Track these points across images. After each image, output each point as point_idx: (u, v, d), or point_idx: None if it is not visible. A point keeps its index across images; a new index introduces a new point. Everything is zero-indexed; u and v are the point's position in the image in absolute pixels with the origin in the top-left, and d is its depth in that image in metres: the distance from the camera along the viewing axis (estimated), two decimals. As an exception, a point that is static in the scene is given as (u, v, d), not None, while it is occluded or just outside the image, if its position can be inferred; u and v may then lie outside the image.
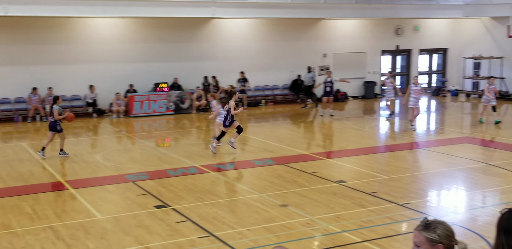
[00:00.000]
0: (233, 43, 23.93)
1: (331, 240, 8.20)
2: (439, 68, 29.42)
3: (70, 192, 11.11)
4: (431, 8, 25.92)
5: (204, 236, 8.43)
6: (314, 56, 25.66)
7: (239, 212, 9.62)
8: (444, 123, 19.91)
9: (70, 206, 10.26)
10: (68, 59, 21.36)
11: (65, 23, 21.08)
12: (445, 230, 3.42)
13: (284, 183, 11.47)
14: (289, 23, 24.57)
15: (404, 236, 8.43)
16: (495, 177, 11.82)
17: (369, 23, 26.58)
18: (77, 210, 9.92)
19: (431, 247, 3.42)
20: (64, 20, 20.99)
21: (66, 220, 9.35)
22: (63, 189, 11.40)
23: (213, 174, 12.46)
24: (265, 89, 25.02)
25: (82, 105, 21.61)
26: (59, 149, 14.33)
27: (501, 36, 25.68)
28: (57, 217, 9.55)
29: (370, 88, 26.58)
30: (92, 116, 21.17)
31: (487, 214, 9.42)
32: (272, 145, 15.52)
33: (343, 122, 19.83)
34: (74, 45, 21.37)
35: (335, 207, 9.81)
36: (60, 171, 12.88)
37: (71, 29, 21.30)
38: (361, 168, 12.86)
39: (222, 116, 15.63)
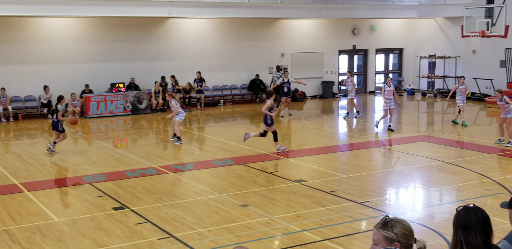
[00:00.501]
0: (191, 43, 23.77)
1: (292, 240, 8.20)
2: (395, 67, 29.88)
3: (26, 195, 10.82)
4: (386, 8, 26.30)
5: (163, 238, 8.33)
6: (272, 56, 25.72)
7: (199, 213, 9.54)
8: (401, 122, 20.19)
9: (26, 208, 9.98)
10: (22, 59, 20.84)
11: (19, 22, 20.57)
12: (403, 229, 3.44)
13: (244, 183, 11.44)
14: (247, 23, 24.56)
15: (364, 234, 8.49)
16: (451, 175, 12.04)
17: (326, 23, 26.79)
18: (33, 213, 9.66)
19: (388, 245, 3.43)
20: (18, 20, 20.47)
21: (21, 223, 9.11)
22: (18, 191, 11.09)
23: (172, 174, 12.33)
24: (223, 89, 24.95)
25: (37, 106, 21.12)
26: (17, 151, 13.97)
27: (455, 36, 26.25)
28: (12, 220, 9.28)
29: (328, 87, 26.79)
30: (47, 118, 20.70)
31: (444, 211, 9.59)
32: (231, 145, 15.46)
33: (302, 122, 19.92)
34: (27, 45, 20.86)
35: (295, 206, 9.83)
36: (15, 173, 12.53)
37: (24, 29, 20.78)
38: (320, 167, 12.93)
39: (182, 115, 15.57)
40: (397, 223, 3.48)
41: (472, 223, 3.69)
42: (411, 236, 3.43)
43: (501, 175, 12.03)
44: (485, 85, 24.97)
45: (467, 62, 26.39)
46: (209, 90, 24.29)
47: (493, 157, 13.81)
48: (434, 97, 26.82)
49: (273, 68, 25.60)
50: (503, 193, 10.45)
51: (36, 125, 19.61)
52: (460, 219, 3.75)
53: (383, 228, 3.49)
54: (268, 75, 25.59)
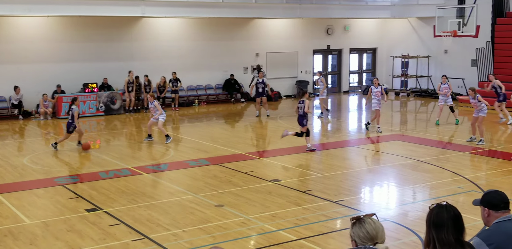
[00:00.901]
0: (165, 43, 23.62)
1: (267, 239, 8.19)
2: (368, 67, 30.10)
3: (-5, 198, 10.63)
4: (360, 8, 26.47)
5: (138, 239, 8.25)
6: (247, 55, 25.71)
7: (173, 214, 9.47)
8: (374, 121, 20.28)
9: (-4, 212, 9.80)
10: (-8, 59, 20.50)
11: (-12, 21, 20.22)
12: (360, 231, 3.47)
13: (219, 183, 11.40)
14: (221, 22, 24.51)
15: (339, 232, 8.52)
16: (424, 173, 12.16)
17: (300, 23, 26.87)
18: (4, 216, 9.48)
19: (351, 242, 3.53)
20: (-13, 18, 20.12)
21: (-9, 227, 8.93)
22: (-13, 194, 10.88)
23: (146, 175, 12.22)
24: (198, 89, 24.84)
25: (7, 107, 20.78)
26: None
27: (427, 36, 26.53)
28: (-18, 224, 9.10)
29: (302, 87, 26.84)
30: (18, 119, 20.39)
31: (417, 209, 9.67)
32: (206, 145, 15.40)
33: (277, 121, 19.93)
34: (-3, 44, 20.53)
35: (270, 206, 9.82)
36: (-16, 176, 12.30)
37: (-6, 28, 20.45)
38: (295, 166, 12.95)
39: (164, 115, 15.56)
40: (362, 223, 3.51)
41: (444, 221, 3.72)
42: (368, 240, 3.44)
43: (473, 173, 12.19)
44: (457, 85, 25.28)
45: (439, 61, 26.70)
46: (183, 90, 24.17)
47: (465, 155, 13.98)
48: (407, 96, 27.07)
49: (247, 68, 25.61)
50: (475, 190, 10.58)
51: (6, 126, 19.29)
52: (432, 216, 3.78)
53: (352, 224, 3.54)
54: (242, 75, 25.58)
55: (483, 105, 14.79)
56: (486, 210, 4.38)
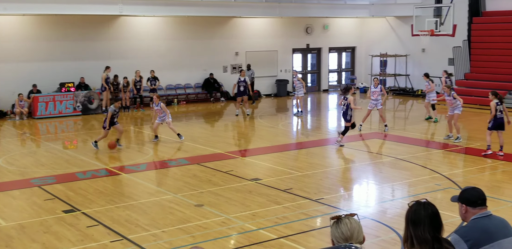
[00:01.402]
0: (143, 42, 23.46)
1: (247, 238, 8.16)
2: (347, 66, 30.22)
3: (-29, 199, 10.44)
4: (339, 7, 26.55)
5: (116, 240, 8.16)
6: (227, 54, 25.65)
7: (153, 214, 9.39)
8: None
9: (-29, 214, 9.63)
10: (-34, 58, 20.18)
11: (-38, 20, 19.90)
12: (336, 231, 3.48)
13: (199, 183, 11.34)
14: (201, 21, 24.41)
15: (319, 231, 8.53)
16: (402, 171, 12.23)
17: (280, 21, 26.88)
18: (-22, 218, 9.33)
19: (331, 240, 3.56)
20: (-39, 17, 19.80)
21: (-34, 229, 8.77)
22: (-38, 196, 10.69)
23: (125, 175, 12.11)
24: (177, 88, 24.72)
25: (-17, 107, 20.48)
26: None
27: (405, 35, 26.71)
28: (-44, 226, 8.94)
29: (282, 86, 26.89)
30: (-6, 119, 20.10)
31: (396, 206, 9.72)
32: (186, 144, 15.31)
33: (257, 120, 19.91)
34: (-28, 43, 20.22)
35: (250, 205, 9.79)
36: (-41, 177, 12.08)
37: (-32, 27, 20.14)
38: (275, 165, 12.93)
39: (169, 115, 15.47)
40: (339, 223, 3.51)
41: (421, 218, 3.73)
42: (343, 240, 3.44)
43: (450, 170, 12.29)
44: (434, 83, 25.46)
45: (417, 60, 26.90)
46: (162, 89, 24.02)
47: (443, 153, 14.09)
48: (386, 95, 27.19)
49: (227, 67, 25.60)
50: (453, 187, 10.66)
51: (-18, 127, 19.01)
52: (410, 214, 3.80)
53: (332, 223, 3.54)
54: (222, 74, 25.51)
55: (458, 102, 14.90)
56: (464, 207, 4.41)
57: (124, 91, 21.91)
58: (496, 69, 23.11)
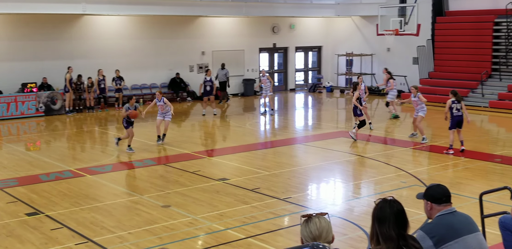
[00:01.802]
0: (107, 41, 23.15)
1: (215, 238, 8.11)
2: (314, 65, 30.37)
3: None
4: (305, 7, 26.65)
5: (81, 243, 8.02)
6: (193, 54, 25.52)
7: (118, 216, 9.27)
8: (321, 118, 20.54)
9: None
10: None
11: None
12: (305, 230, 3.48)
13: (166, 183, 11.24)
14: (166, 20, 24.22)
15: (287, 230, 8.53)
16: (369, 169, 12.34)
17: (246, 21, 26.86)
18: None
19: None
20: None
21: None
22: None
23: (89, 177, 11.93)
24: (142, 88, 24.47)
25: None
26: None
27: (370, 34, 26.98)
28: None
29: (249, 85, 26.88)
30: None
31: (363, 204, 9.79)
32: (152, 145, 15.16)
33: (224, 120, 19.85)
34: None
35: (218, 205, 9.74)
36: None
37: None
38: (242, 164, 12.90)
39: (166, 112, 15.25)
40: (308, 222, 3.50)
41: (386, 216, 3.75)
42: (311, 239, 3.44)
43: (415, 167, 12.44)
44: (399, 82, 25.81)
45: (382, 59, 27.18)
46: (127, 89, 23.76)
47: (408, 151, 14.26)
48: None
49: (193, 66, 25.50)
50: (418, 185, 10.79)
51: None
52: (376, 211, 3.82)
53: (303, 221, 3.52)
54: (188, 74, 25.38)
55: (423, 105, 15.05)
56: (429, 204, 4.46)
57: (88, 92, 21.60)
58: (459, 68, 23.51)
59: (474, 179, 11.26)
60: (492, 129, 18.49)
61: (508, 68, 22.33)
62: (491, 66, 22.83)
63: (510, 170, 11.95)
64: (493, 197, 9.06)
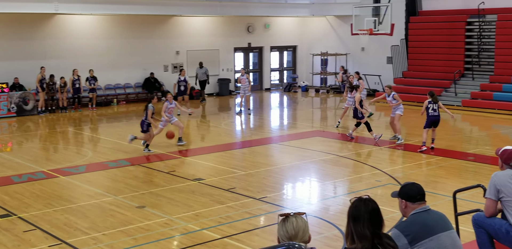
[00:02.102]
0: (80, 41, 22.88)
1: (191, 239, 8.07)
2: (289, 65, 30.43)
3: None
4: (280, 6, 26.70)
5: (55, 244, 7.91)
6: (167, 53, 25.38)
7: (93, 217, 9.16)
8: (296, 118, 20.58)
9: None
10: None
11: None
12: (282, 229, 3.48)
13: (141, 184, 11.14)
14: (140, 20, 24.03)
15: (263, 229, 8.52)
16: (344, 168, 12.39)
17: (221, 20, 26.80)
18: None
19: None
20: None
21: None
22: None
23: (63, 178, 11.77)
24: (116, 88, 24.26)
25: None
26: None
27: (345, 34, 27.13)
28: None
29: (224, 85, 26.82)
30: None
31: (338, 203, 9.82)
32: (126, 145, 15.01)
33: (199, 120, 19.78)
34: None
35: (193, 205, 9.69)
36: None
37: None
38: (218, 164, 12.86)
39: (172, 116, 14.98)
40: (285, 221, 3.49)
41: (361, 214, 3.76)
42: (287, 239, 3.43)
43: (390, 166, 12.54)
44: (374, 81, 26.02)
45: (356, 59, 27.36)
46: (101, 89, 23.53)
47: (382, 150, 14.35)
48: (327, 93, 27.59)
49: (168, 66, 25.36)
50: (392, 183, 10.88)
51: None
52: (351, 210, 3.83)
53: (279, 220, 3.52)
54: (163, 73, 25.23)
55: (400, 105, 15.08)
56: (404, 202, 4.50)
57: (61, 92, 21.33)
58: (432, 67, 23.76)
59: (448, 177, 11.38)
60: (465, 128, 18.73)
61: (480, 68, 22.65)
62: (464, 66, 23.13)
63: (483, 168, 12.11)
64: (467, 195, 9.17)
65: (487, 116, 19.56)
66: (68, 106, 21.83)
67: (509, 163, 5.61)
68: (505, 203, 5.52)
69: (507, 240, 5.55)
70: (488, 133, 17.03)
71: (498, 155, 5.74)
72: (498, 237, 5.65)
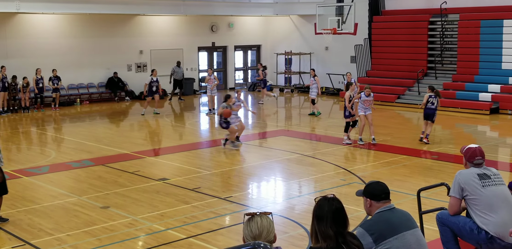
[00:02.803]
0: (43, 40, 22.49)
1: (156, 239, 8.04)
2: (253, 64, 30.46)
3: None
4: (243, 5, 26.72)
5: (19, 245, 7.82)
6: (131, 53, 25.15)
7: (56, 217, 9.04)
8: (260, 117, 20.63)
9: None
10: None
11: None
12: (246, 228, 3.51)
13: (105, 184, 11.04)
14: (103, 19, 23.75)
15: (228, 229, 8.54)
16: (309, 167, 12.49)
17: (185, 19, 26.67)
18: None
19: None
20: None
21: None
22: None
23: (26, 179, 11.58)
24: (79, 87, 23.93)
25: None
26: None
27: (309, 33, 27.31)
28: None
29: (189, 84, 26.69)
30: None
31: (303, 202, 9.90)
32: (89, 145, 14.85)
33: (164, 119, 19.66)
34: None
35: (158, 205, 9.65)
36: None
37: None
38: (183, 164, 12.82)
39: None
40: (250, 221, 3.51)
41: (325, 214, 3.79)
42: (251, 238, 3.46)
43: (354, 165, 12.70)
44: (338, 80, 26.25)
45: (320, 58, 27.58)
46: (64, 89, 23.17)
47: (347, 148, 14.50)
48: (291, 92, 27.73)
49: (131, 65, 25.16)
50: (357, 182, 11.02)
51: None
52: (316, 209, 3.86)
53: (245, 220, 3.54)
54: (126, 73, 25.00)
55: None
56: (368, 201, 4.55)
57: (24, 92, 20.92)
58: (395, 66, 24.10)
59: (412, 176, 11.57)
60: (426, 126, 19.04)
61: (443, 67, 23.06)
62: (427, 65, 23.52)
63: (446, 167, 12.34)
64: (431, 193, 9.34)
65: (450, 115, 19.93)
66: (30, 106, 21.42)
67: (472, 161, 5.61)
68: (469, 201, 5.53)
69: (471, 237, 5.57)
70: (451, 132, 17.38)
71: (462, 153, 5.75)
72: (462, 235, 5.67)
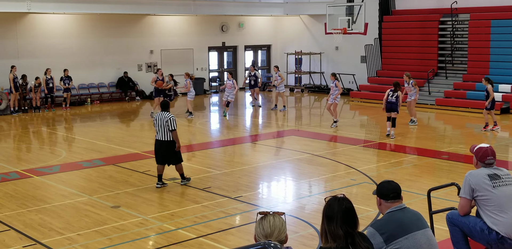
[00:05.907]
0: (53, 40, 22.61)
1: (166, 239, 8.05)
2: (263, 64, 30.47)
3: None
4: (253, 5, 26.73)
5: (29, 245, 7.84)
6: (141, 53, 25.23)
7: (67, 217, 9.08)
8: (271, 117, 20.63)
9: None
10: None
11: None
12: (259, 226, 3.51)
13: (115, 184, 11.08)
14: (114, 19, 23.84)
15: (238, 228, 8.54)
16: (319, 167, 12.46)
17: (195, 19, 26.72)
18: None
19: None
20: None
21: None
22: None
23: (37, 178, 11.64)
24: (90, 87, 24.04)
25: None
26: None
27: (319, 33, 27.27)
28: None
29: (199, 84, 26.71)
30: None
31: (313, 202, 9.89)
32: (100, 145, 14.92)
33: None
34: None
35: (169, 205, 9.67)
36: None
37: None
38: (193, 164, 12.84)
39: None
40: (263, 219, 3.51)
41: (334, 213, 3.79)
42: (263, 236, 3.46)
43: (365, 165, 12.64)
44: (348, 80, 26.19)
45: (331, 58, 27.53)
46: (75, 89, 23.28)
47: (357, 148, 14.47)
48: (301, 92, 27.70)
49: (142, 65, 25.23)
50: (367, 182, 10.98)
51: None
52: (326, 208, 3.86)
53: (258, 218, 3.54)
54: (137, 73, 25.08)
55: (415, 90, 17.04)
56: (378, 200, 4.57)
57: (35, 92, 21.04)
58: (406, 66, 23.94)
59: (422, 176, 11.52)
60: (438, 126, 18.97)
61: (453, 66, 22.95)
62: (437, 65, 23.42)
63: (457, 167, 12.29)
64: (441, 193, 9.29)
65: (461, 115, 19.84)
66: (41, 106, 21.55)
67: (484, 160, 5.53)
68: (479, 201, 5.49)
69: (481, 238, 5.54)
70: (461, 132, 17.28)
71: (473, 152, 5.66)
72: (473, 235, 5.63)
